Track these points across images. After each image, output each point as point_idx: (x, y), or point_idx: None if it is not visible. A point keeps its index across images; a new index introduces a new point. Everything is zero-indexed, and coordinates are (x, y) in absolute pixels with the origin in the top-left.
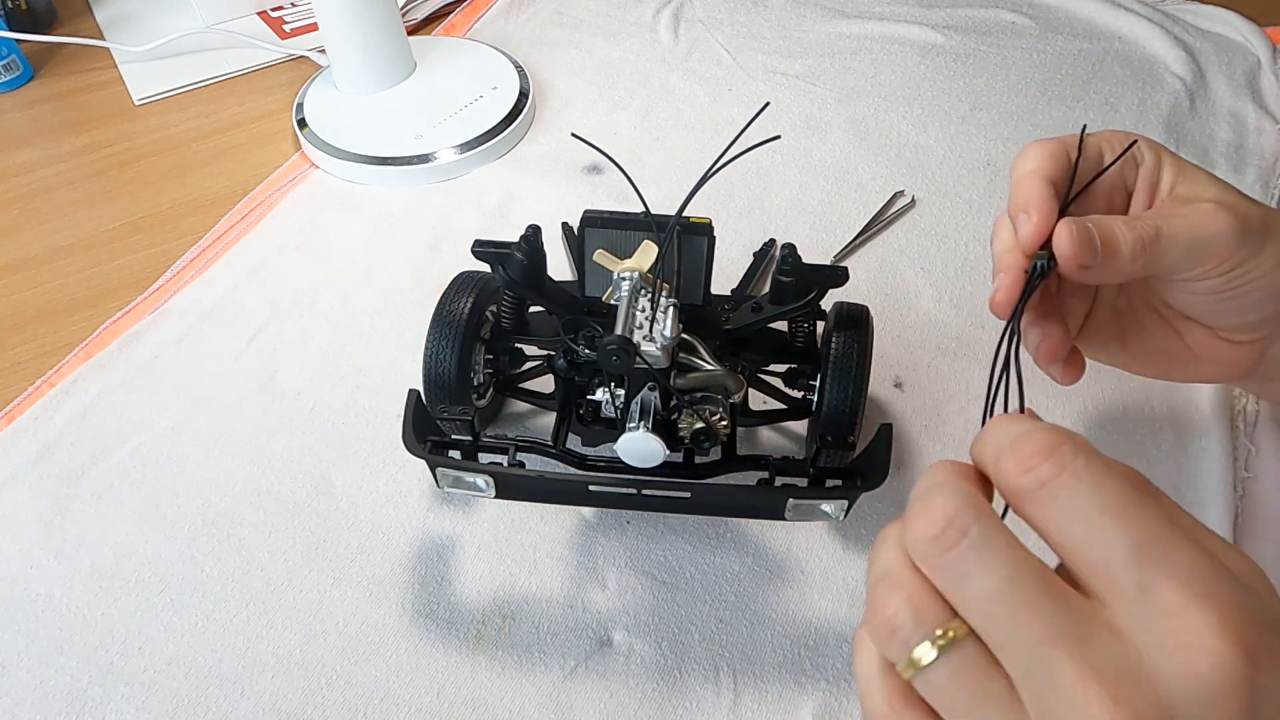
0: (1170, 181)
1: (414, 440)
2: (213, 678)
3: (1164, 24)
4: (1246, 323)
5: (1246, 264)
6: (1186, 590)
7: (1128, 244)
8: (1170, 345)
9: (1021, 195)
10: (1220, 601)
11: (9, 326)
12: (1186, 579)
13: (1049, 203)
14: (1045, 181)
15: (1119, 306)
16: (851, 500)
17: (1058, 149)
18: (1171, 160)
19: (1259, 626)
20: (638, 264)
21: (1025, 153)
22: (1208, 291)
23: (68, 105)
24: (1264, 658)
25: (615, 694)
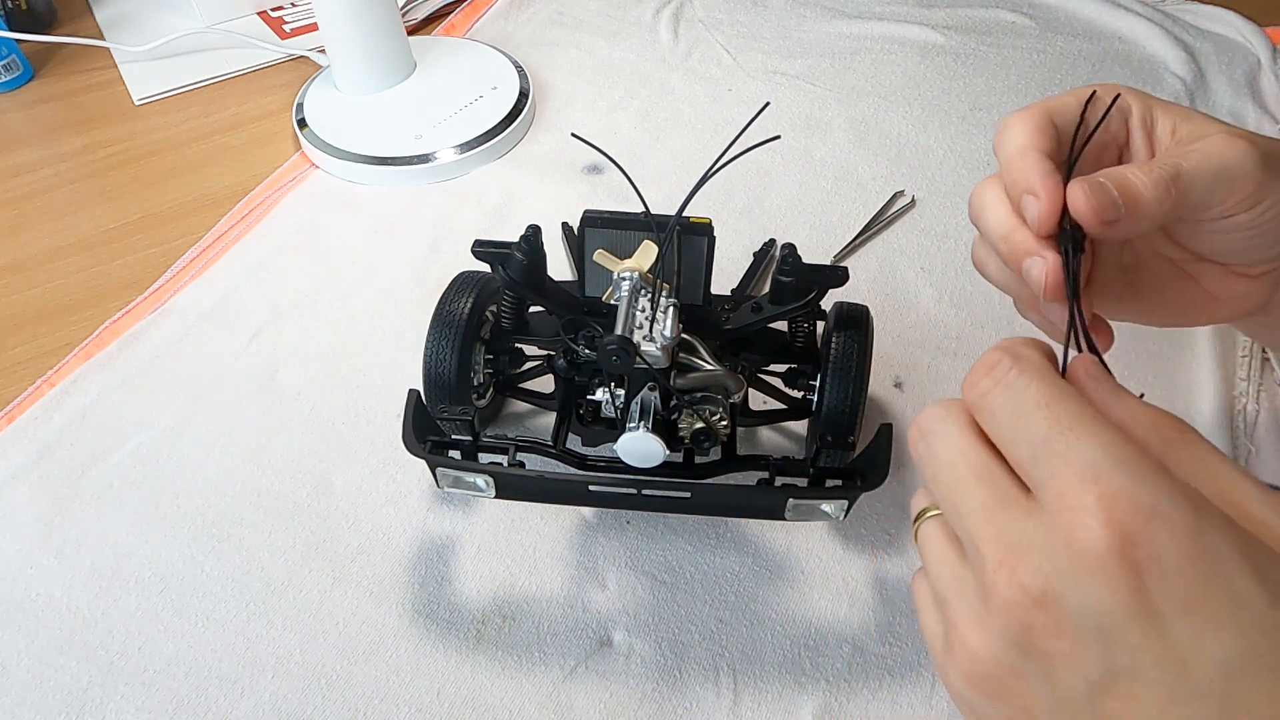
0: (1169, 125)
1: (414, 440)
2: (213, 678)
3: (1164, 24)
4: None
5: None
6: (1077, 478)
7: (1148, 188)
8: (1184, 290)
9: (1019, 175)
10: (1104, 486)
11: (9, 326)
12: (1079, 468)
13: (1051, 177)
14: (1040, 155)
15: (1125, 262)
16: (851, 500)
17: (1040, 118)
18: (1162, 105)
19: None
20: (638, 264)
21: (1008, 129)
22: (1236, 228)
23: (68, 105)
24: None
25: (615, 694)
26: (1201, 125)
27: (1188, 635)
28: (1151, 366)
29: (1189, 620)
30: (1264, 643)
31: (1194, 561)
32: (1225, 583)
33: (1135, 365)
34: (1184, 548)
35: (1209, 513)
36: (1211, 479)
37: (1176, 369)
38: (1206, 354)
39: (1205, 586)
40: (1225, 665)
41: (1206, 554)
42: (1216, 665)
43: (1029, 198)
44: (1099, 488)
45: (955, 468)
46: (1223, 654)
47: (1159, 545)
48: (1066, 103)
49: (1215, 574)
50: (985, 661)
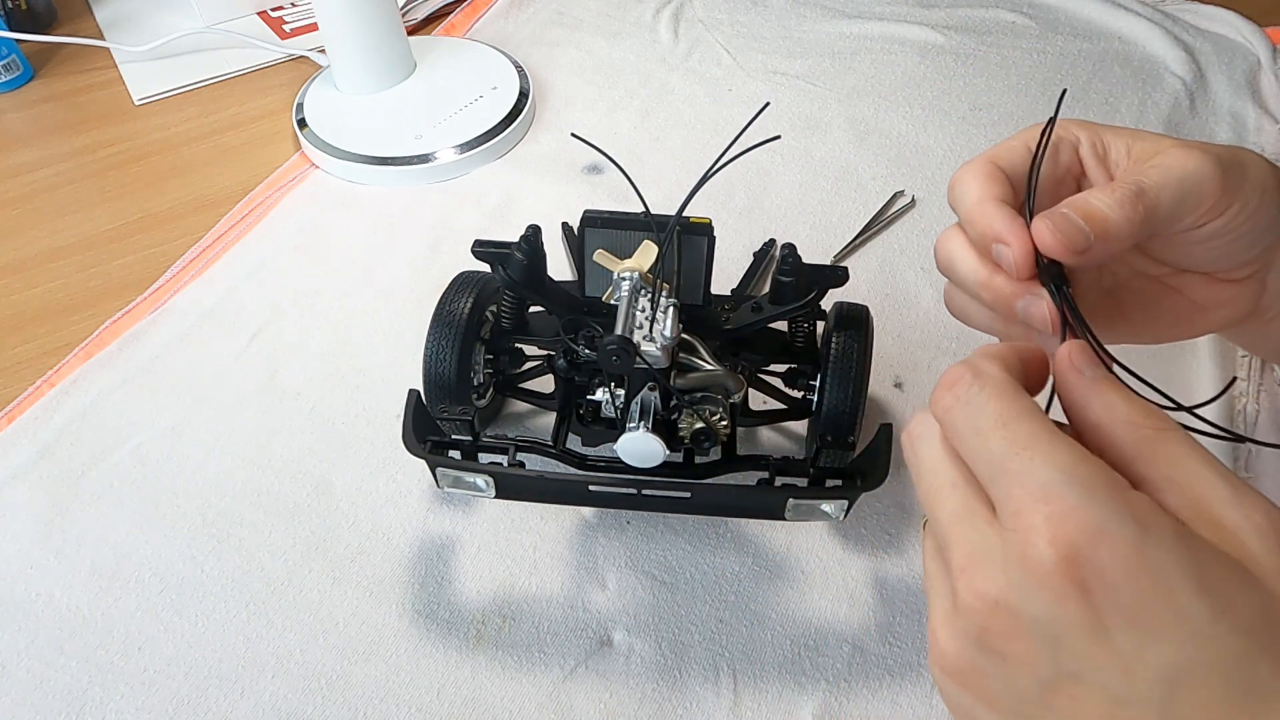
0: (1123, 147)
1: (414, 440)
2: (213, 678)
3: (1164, 24)
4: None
5: (1238, 197)
6: (1029, 497)
7: (1113, 209)
8: (1171, 304)
9: (983, 226)
10: (1054, 506)
11: (9, 326)
12: (1031, 488)
13: (1015, 221)
14: (998, 204)
15: (1105, 285)
16: (851, 500)
17: (987, 167)
18: (1110, 129)
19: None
20: (638, 264)
21: (959, 184)
22: (1211, 237)
23: (68, 105)
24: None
25: (615, 694)
26: (1155, 142)
27: (1131, 645)
28: (1151, 366)
29: (1132, 631)
30: (1203, 654)
31: (1137, 576)
32: (1167, 596)
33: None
34: (1128, 563)
35: (1156, 528)
36: (1184, 479)
37: (1176, 369)
38: (1206, 354)
39: (1148, 600)
40: (1166, 675)
41: (1150, 569)
42: (1157, 674)
43: (999, 246)
44: (1048, 507)
45: (935, 475)
46: (1164, 664)
47: (1103, 561)
48: (1011, 147)
49: (1158, 588)
50: (951, 657)
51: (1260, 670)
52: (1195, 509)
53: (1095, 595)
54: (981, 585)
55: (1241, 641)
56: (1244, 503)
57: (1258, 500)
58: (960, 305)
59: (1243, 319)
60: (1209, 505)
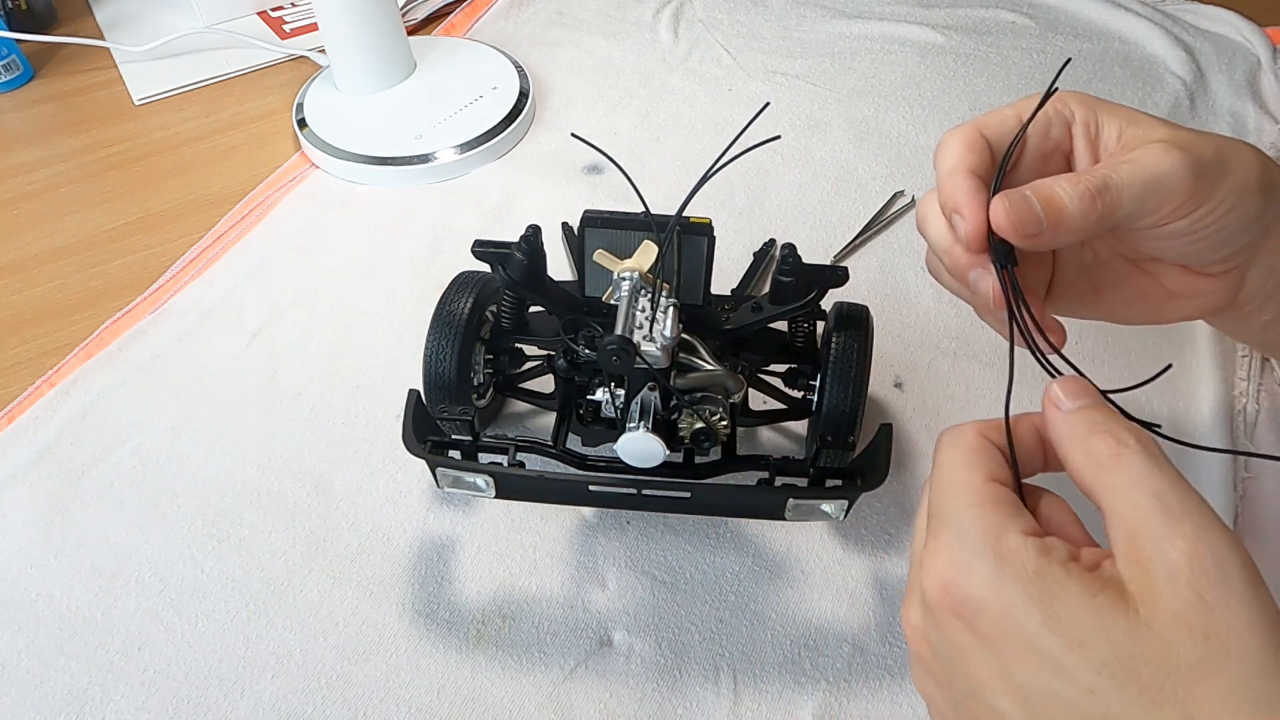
0: (1115, 130)
1: (414, 440)
2: (213, 678)
3: (1164, 24)
4: (1221, 256)
5: (1208, 201)
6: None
7: (1074, 201)
8: (1146, 289)
9: (947, 195)
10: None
11: (9, 326)
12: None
13: (975, 195)
14: (967, 174)
15: (1085, 261)
16: (851, 500)
17: (972, 135)
18: (1110, 109)
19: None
20: (638, 264)
21: (942, 147)
22: (1174, 235)
23: (68, 105)
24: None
25: (615, 694)
26: (1148, 130)
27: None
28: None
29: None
30: (1056, 684)
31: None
32: (1019, 628)
33: (1135, 365)
34: (985, 595)
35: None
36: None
37: (1176, 369)
38: (1206, 354)
39: (1004, 629)
40: (1030, 699)
41: (1004, 601)
42: (1024, 698)
43: (956, 217)
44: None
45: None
46: (1027, 688)
47: (969, 590)
48: (1004, 116)
49: (1010, 619)
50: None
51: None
52: (1128, 544)
53: (967, 620)
54: (910, 615)
55: (1089, 678)
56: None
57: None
58: (934, 265)
59: (1218, 311)
60: (1139, 539)
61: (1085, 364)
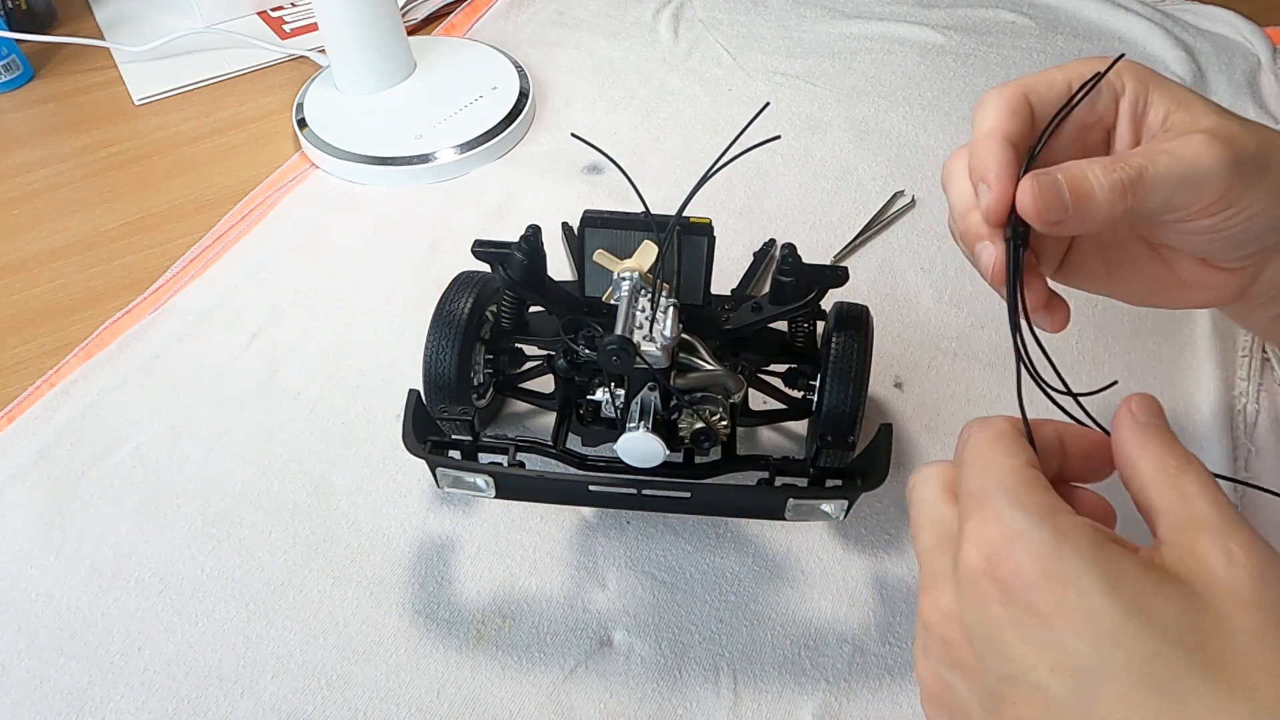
0: (1162, 112)
1: (414, 440)
2: (213, 678)
3: (1164, 24)
4: (1240, 255)
5: (1241, 200)
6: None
7: (1103, 190)
8: (1160, 274)
9: (978, 160)
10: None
11: (9, 326)
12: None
13: (1007, 168)
14: (1002, 143)
15: (1103, 239)
16: (851, 500)
17: (1016, 99)
18: (1162, 87)
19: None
20: (638, 264)
21: (983, 105)
22: (1197, 231)
23: (68, 105)
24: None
25: (615, 694)
26: (1195, 115)
27: (1051, 642)
28: (1152, 367)
29: (1050, 629)
30: (1115, 651)
31: (1050, 577)
32: (1079, 596)
33: (1135, 365)
34: (1042, 565)
35: (1072, 535)
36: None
37: (1176, 369)
38: (1206, 354)
39: (1059, 599)
40: (1083, 673)
41: (1062, 570)
42: (1074, 672)
43: (982, 186)
44: (981, 513)
45: (920, 513)
46: (1080, 661)
47: (1019, 562)
48: (1052, 80)
49: (1069, 588)
50: (927, 679)
51: (1177, 669)
52: (1181, 535)
53: (1014, 593)
54: (939, 599)
55: (1155, 642)
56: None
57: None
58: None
59: (1227, 302)
60: (1193, 532)
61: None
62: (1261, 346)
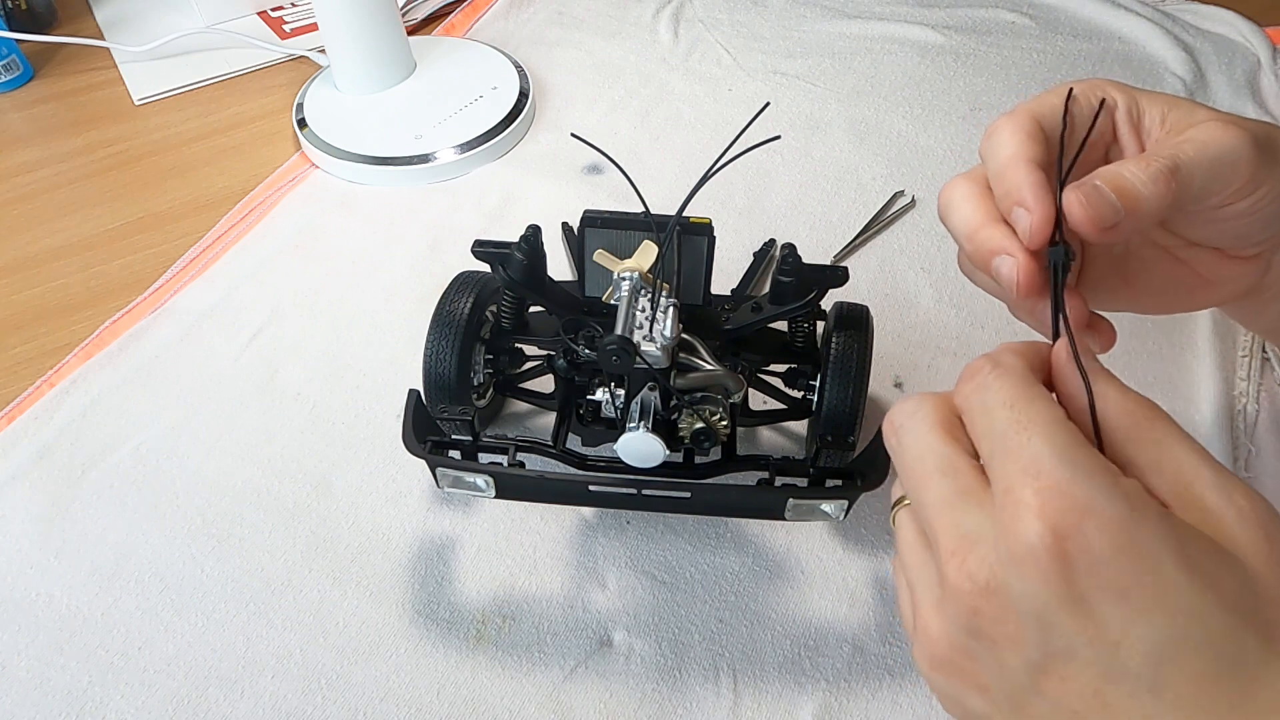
0: (1158, 114)
1: (414, 440)
2: (213, 678)
3: (1164, 24)
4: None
5: (1268, 180)
6: (1021, 473)
7: (1146, 185)
8: (1177, 275)
9: (1010, 186)
10: (1043, 481)
11: (9, 326)
12: (1025, 465)
13: (1043, 189)
14: (1030, 165)
15: (1115, 253)
16: (851, 500)
17: (1028, 123)
18: (1147, 94)
19: (1074, 504)
20: (638, 264)
21: (995, 135)
22: (1233, 217)
23: (68, 105)
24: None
25: (615, 694)
26: (1190, 112)
27: (1119, 620)
28: (1151, 366)
29: (1120, 606)
30: (1191, 626)
31: (1124, 552)
32: (1154, 571)
33: (1135, 365)
34: (1115, 540)
35: (1143, 507)
36: (1171, 463)
37: (1176, 369)
38: (1206, 354)
39: (1135, 575)
40: (1155, 648)
41: (1137, 545)
42: (1147, 648)
43: (1020, 210)
44: (1038, 483)
45: (922, 461)
46: (1152, 637)
47: (1090, 537)
48: (1053, 104)
49: (1145, 563)
50: (941, 644)
51: (1245, 644)
52: (1180, 492)
53: (1081, 571)
54: (973, 567)
55: (1226, 616)
56: (1227, 487)
57: (1240, 485)
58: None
59: (1243, 295)
60: (1193, 488)
61: None
62: (1262, 346)
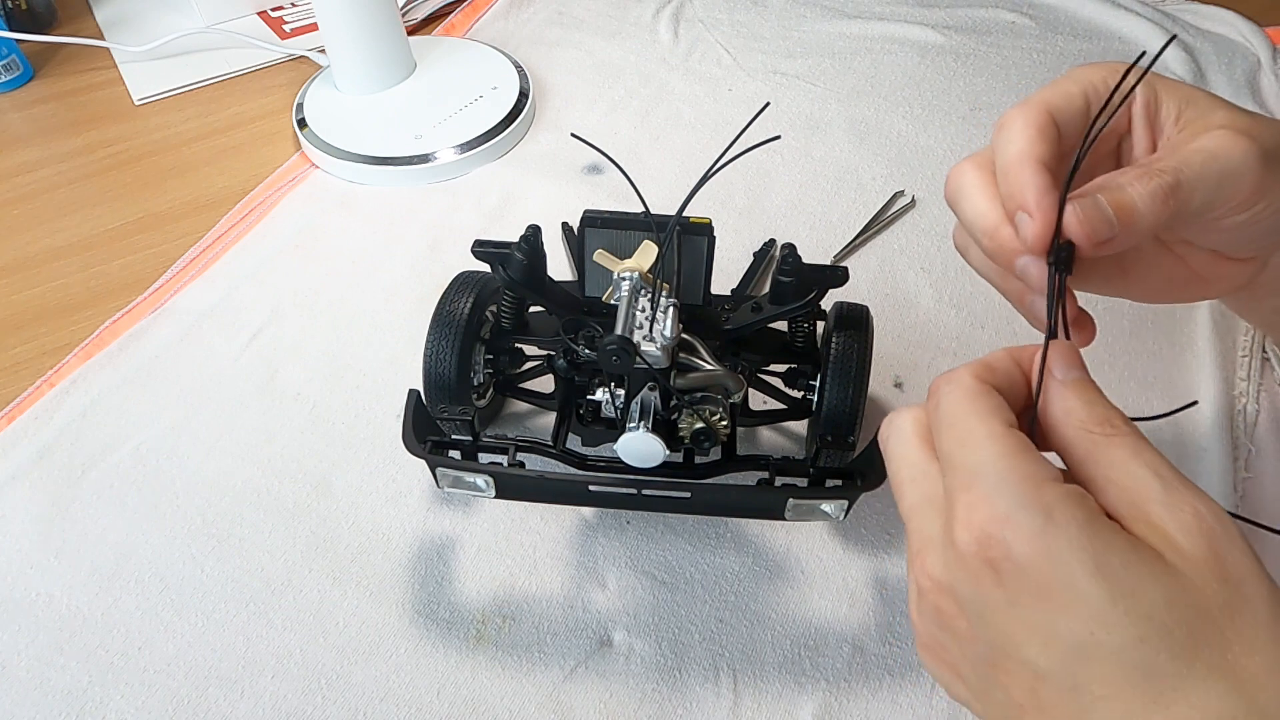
0: (1174, 110)
1: (414, 440)
2: (213, 678)
3: (1164, 24)
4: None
5: (1269, 195)
6: (956, 486)
7: (1145, 202)
8: (1172, 270)
9: (1015, 188)
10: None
11: (9, 326)
12: (960, 477)
13: (1048, 196)
14: (1038, 167)
15: None
16: (851, 500)
17: (1041, 118)
18: (1167, 85)
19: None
20: (638, 264)
21: (1007, 128)
22: (1231, 228)
23: (68, 105)
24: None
25: (615, 694)
26: (1206, 111)
27: (1042, 621)
28: (1151, 366)
29: (1040, 609)
30: (1100, 633)
31: (1039, 559)
32: (1067, 579)
33: (1135, 365)
34: (1031, 547)
35: (1060, 517)
36: (1123, 480)
37: (1176, 369)
38: (1206, 354)
39: (1050, 581)
40: (1071, 651)
41: (1052, 553)
42: (1064, 650)
43: (1022, 216)
44: (968, 495)
45: (899, 469)
46: (1069, 641)
47: (1009, 545)
48: (1068, 93)
49: (1059, 571)
50: (922, 635)
51: (1159, 655)
52: (1131, 508)
53: (1005, 575)
54: (930, 567)
55: (1138, 627)
56: (1174, 501)
57: (1189, 499)
58: (963, 242)
59: (1238, 290)
60: (1143, 504)
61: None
62: (1261, 346)
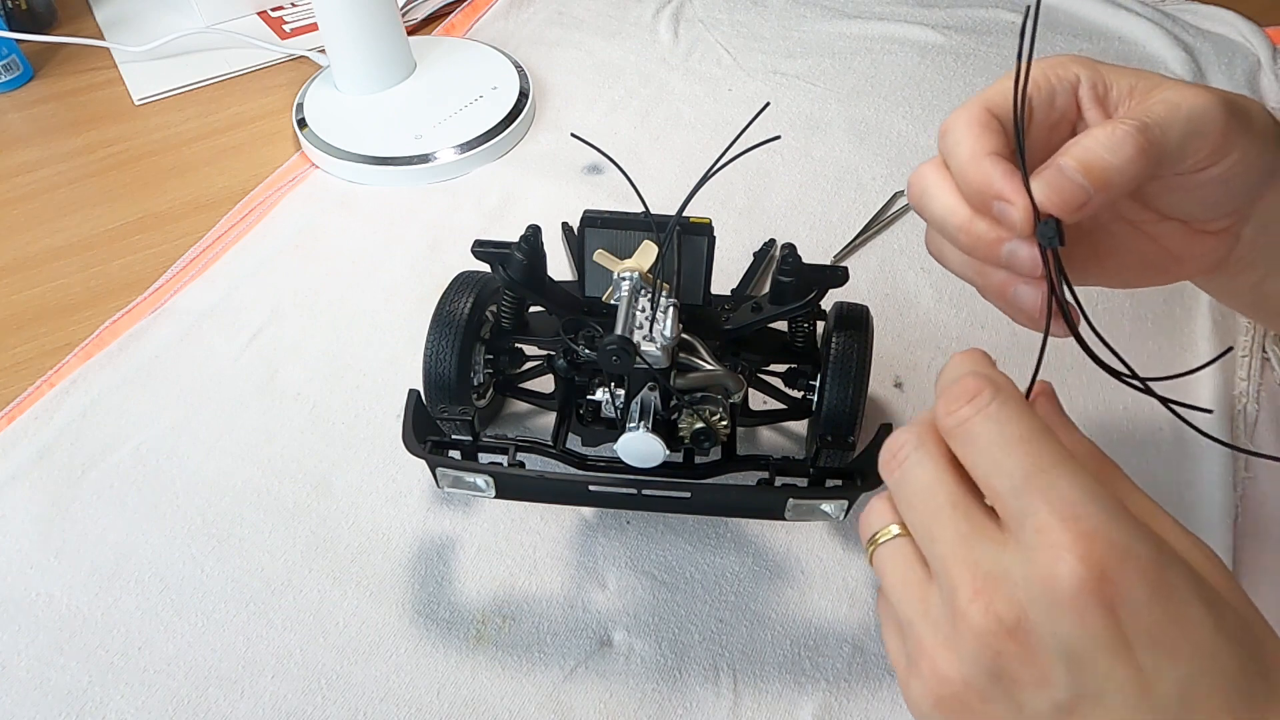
0: (1126, 86)
1: (414, 440)
2: (213, 678)
3: (1164, 24)
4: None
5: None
6: (1056, 515)
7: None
8: (1146, 250)
9: (980, 183)
10: (1083, 525)
11: (9, 326)
12: (1059, 505)
13: (1014, 179)
14: (995, 160)
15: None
16: (851, 500)
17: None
18: (1113, 68)
19: (1113, 548)
20: (638, 264)
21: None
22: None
23: (68, 105)
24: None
25: (615, 694)
26: (1158, 82)
27: (1151, 663)
28: (1151, 367)
29: (1154, 649)
30: (1210, 665)
31: (1159, 596)
32: (1182, 614)
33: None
34: (1151, 584)
35: (1168, 550)
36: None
37: (1176, 368)
38: (1207, 355)
39: (1167, 618)
40: (1182, 687)
41: (1168, 589)
42: (1174, 690)
43: (1001, 204)
44: (1078, 526)
45: (933, 495)
46: (1180, 677)
47: (1130, 582)
48: (1005, 91)
49: (1175, 606)
50: (954, 683)
51: (1255, 681)
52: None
53: (1121, 614)
54: (1001, 608)
55: (1238, 655)
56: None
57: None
58: (939, 246)
59: (1213, 270)
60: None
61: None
62: (1262, 346)
